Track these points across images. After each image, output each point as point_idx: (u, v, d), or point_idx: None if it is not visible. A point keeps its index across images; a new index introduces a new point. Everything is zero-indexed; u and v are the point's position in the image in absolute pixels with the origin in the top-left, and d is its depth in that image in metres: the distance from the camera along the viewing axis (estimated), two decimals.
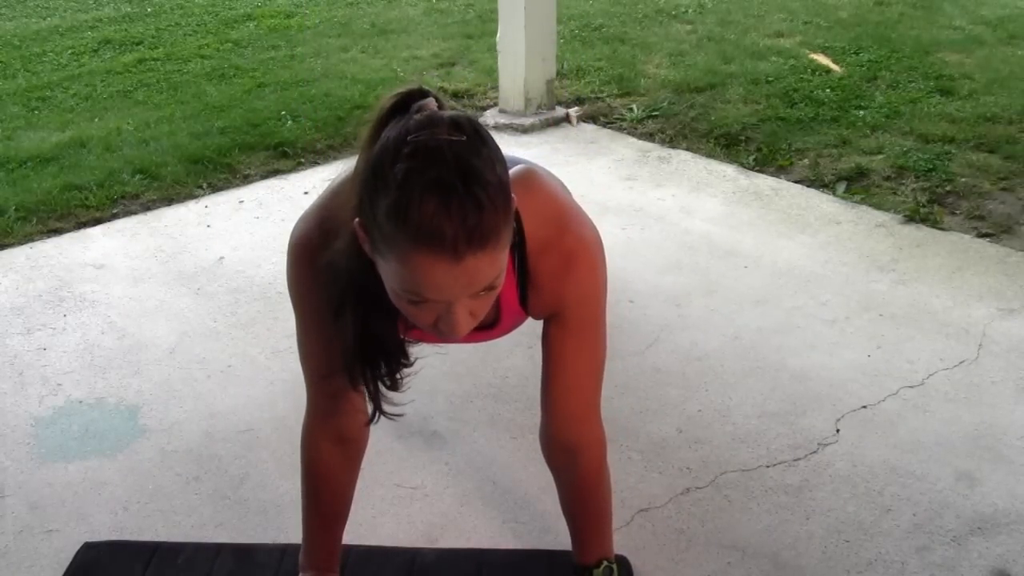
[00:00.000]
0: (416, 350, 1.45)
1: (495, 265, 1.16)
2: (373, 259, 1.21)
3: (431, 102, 1.20)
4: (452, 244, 1.10)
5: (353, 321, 1.31)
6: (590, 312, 1.46)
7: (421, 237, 1.10)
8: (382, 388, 1.38)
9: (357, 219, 1.19)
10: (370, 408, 1.41)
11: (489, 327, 1.46)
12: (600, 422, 1.55)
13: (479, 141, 1.15)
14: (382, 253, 1.16)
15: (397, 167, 1.12)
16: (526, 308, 1.43)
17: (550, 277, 1.39)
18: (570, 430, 1.54)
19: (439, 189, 1.10)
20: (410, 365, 1.39)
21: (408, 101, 1.20)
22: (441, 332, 1.22)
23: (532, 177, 1.43)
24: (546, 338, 1.48)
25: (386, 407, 1.40)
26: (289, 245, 1.41)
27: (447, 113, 1.17)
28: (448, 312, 1.18)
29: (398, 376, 1.39)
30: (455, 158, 1.11)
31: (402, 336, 1.38)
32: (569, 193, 1.51)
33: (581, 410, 1.53)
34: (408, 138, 1.13)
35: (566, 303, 1.42)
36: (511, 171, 1.40)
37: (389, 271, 1.17)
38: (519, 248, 1.36)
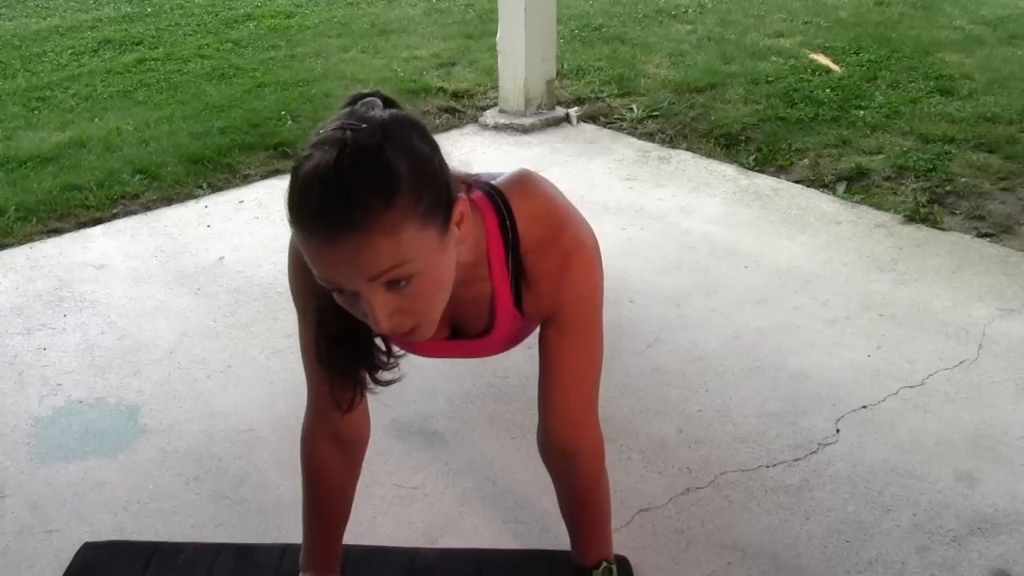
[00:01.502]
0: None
1: (388, 250, 1.14)
2: None
3: (373, 101, 1.21)
4: (322, 224, 1.12)
5: (325, 324, 1.33)
6: (586, 314, 1.45)
7: (298, 219, 1.14)
8: (371, 382, 1.40)
9: None
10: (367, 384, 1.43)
11: (484, 334, 1.46)
12: (598, 424, 1.55)
13: (379, 131, 1.15)
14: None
15: (300, 155, 1.16)
16: (521, 310, 1.42)
17: (545, 277, 1.38)
18: (568, 433, 1.53)
19: (315, 172, 1.12)
20: (393, 364, 1.39)
21: (355, 102, 1.22)
22: (374, 328, 1.21)
23: (527, 180, 1.44)
24: (543, 341, 1.48)
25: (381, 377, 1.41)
26: (290, 243, 1.41)
27: (367, 109, 1.19)
28: (363, 301, 1.18)
29: (382, 374, 1.39)
30: (342, 144, 1.13)
31: (389, 347, 1.39)
32: (565, 197, 1.50)
33: (579, 413, 1.52)
34: (320, 129, 1.17)
35: (562, 304, 1.42)
36: (506, 175, 1.42)
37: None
38: (513, 248, 1.36)
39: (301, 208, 1.14)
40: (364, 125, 1.15)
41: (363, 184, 1.12)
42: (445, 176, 1.22)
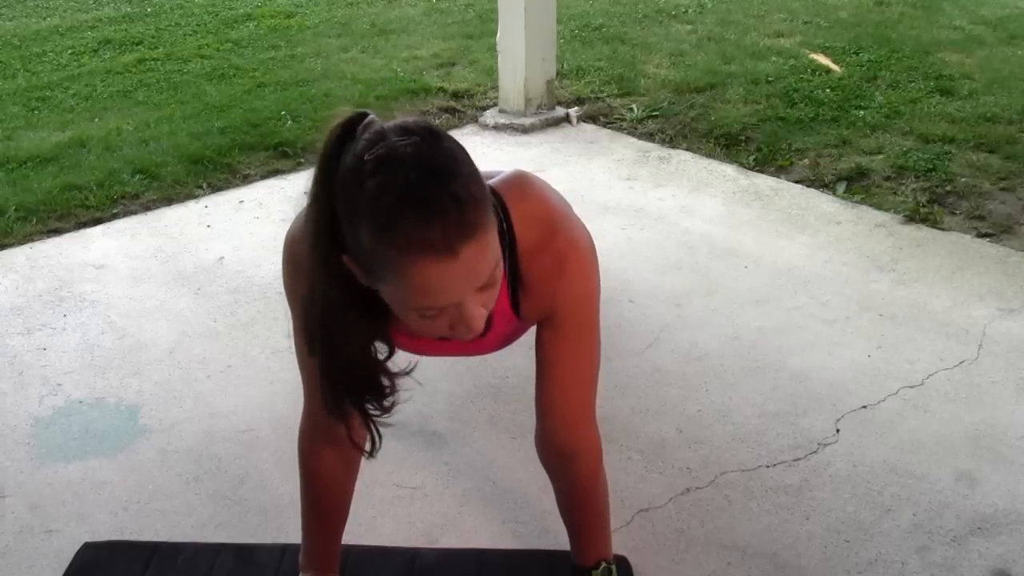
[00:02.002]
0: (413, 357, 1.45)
1: (490, 249, 1.16)
2: (373, 287, 1.20)
3: (374, 120, 1.20)
4: (444, 243, 1.09)
5: (328, 357, 1.30)
6: (583, 315, 1.45)
7: (412, 247, 1.10)
8: (373, 413, 1.38)
9: (344, 256, 1.19)
10: (368, 443, 1.41)
11: (479, 336, 1.46)
12: (595, 425, 1.55)
13: (431, 137, 1.15)
14: (381, 278, 1.16)
15: (364, 188, 1.11)
16: (518, 312, 1.42)
17: (542, 280, 1.38)
18: (565, 434, 1.53)
19: (412, 194, 1.09)
20: (394, 392, 1.37)
21: (352, 127, 1.19)
22: (459, 335, 1.21)
23: (523, 181, 1.43)
24: (539, 342, 1.48)
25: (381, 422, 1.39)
26: (284, 245, 1.41)
27: (393, 122, 1.17)
28: (461, 312, 1.18)
29: (386, 402, 1.37)
30: (415, 158, 1.11)
31: (394, 344, 1.38)
32: (561, 197, 1.50)
33: (576, 414, 1.52)
34: (365, 157, 1.13)
35: (558, 306, 1.42)
36: (501, 176, 1.41)
37: (394, 292, 1.17)
38: (510, 251, 1.35)
39: (412, 237, 1.09)
40: (415, 137, 1.13)
41: (461, 188, 1.11)
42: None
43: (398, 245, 1.10)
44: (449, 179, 1.11)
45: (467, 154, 1.19)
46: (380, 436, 1.40)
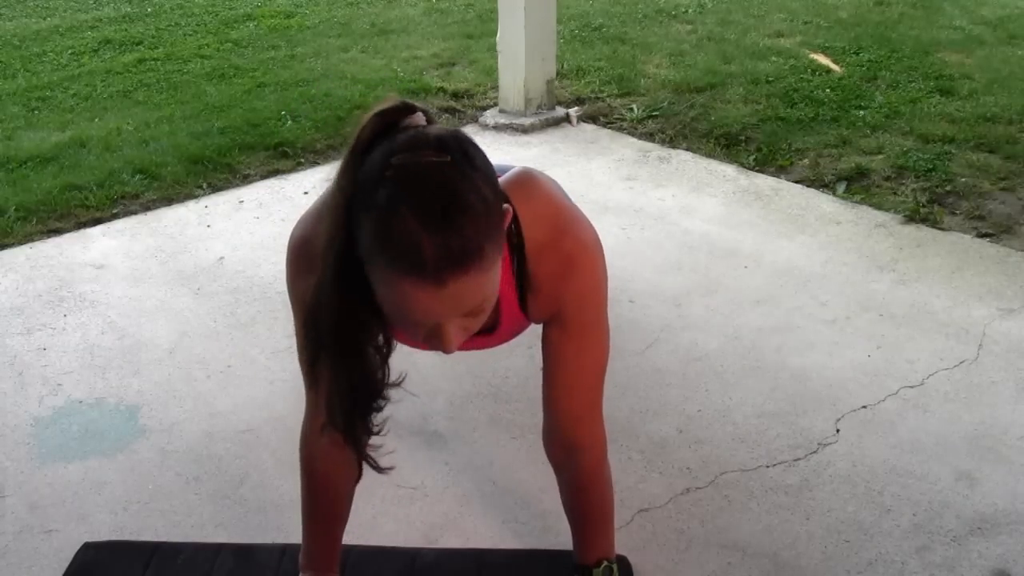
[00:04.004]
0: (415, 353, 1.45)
1: (483, 286, 1.15)
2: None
3: (419, 117, 1.19)
4: (433, 270, 1.09)
5: (331, 368, 1.30)
6: (590, 314, 1.46)
7: (402, 263, 1.10)
8: (365, 435, 1.38)
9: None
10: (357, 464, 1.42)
11: (488, 332, 1.46)
12: (602, 422, 1.55)
13: (465, 162, 1.14)
14: (372, 276, 1.16)
15: (380, 191, 1.11)
16: (526, 311, 1.42)
17: (549, 280, 1.38)
18: (571, 430, 1.54)
19: (419, 214, 1.09)
20: (383, 405, 1.37)
21: (395, 118, 1.18)
22: (433, 347, 1.22)
23: (530, 180, 1.43)
24: (546, 339, 1.48)
25: (375, 457, 1.40)
26: (288, 246, 1.41)
27: (433, 131, 1.16)
28: (438, 332, 1.19)
29: (373, 418, 1.37)
30: (437, 182, 1.11)
31: (394, 342, 1.38)
32: (567, 196, 1.50)
33: (582, 410, 1.53)
34: (392, 160, 1.12)
35: (566, 305, 1.42)
36: (508, 175, 1.40)
37: (380, 294, 1.17)
38: (518, 251, 1.35)
39: (405, 255, 1.09)
40: (448, 157, 1.12)
41: (470, 226, 1.10)
42: (500, 188, 1.22)
43: (390, 257, 1.11)
44: (462, 213, 1.10)
45: (492, 180, 1.18)
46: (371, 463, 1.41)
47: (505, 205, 1.21)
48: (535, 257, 1.37)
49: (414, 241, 1.09)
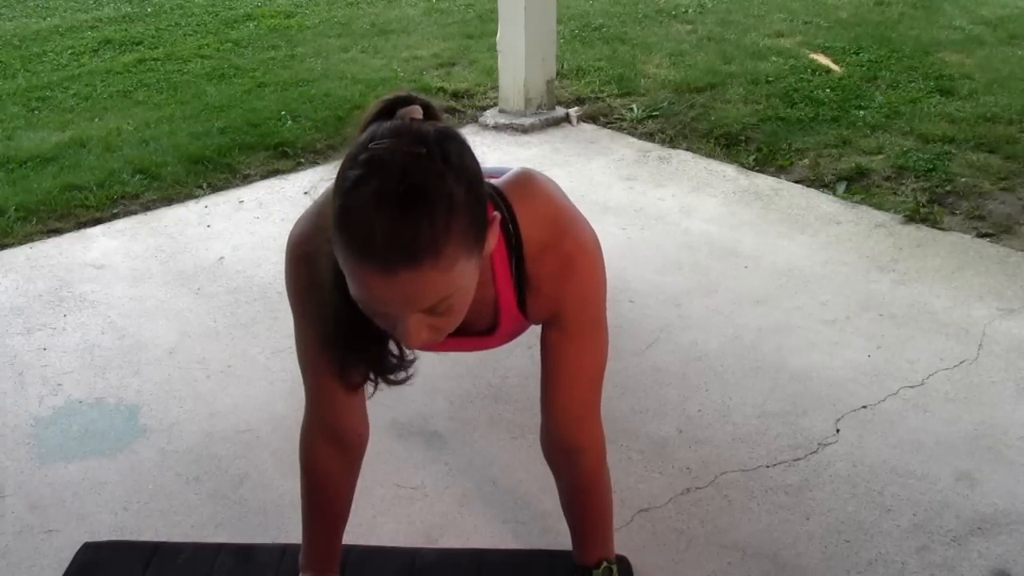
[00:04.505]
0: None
1: (440, 286, 1.13)
2: None
3: (415, 109, 1.19)
4: (382, 257, 1.09)
5: (338, 320, 1.31)
6: (589, 315, 1.45)
7: (354, 246, 1.10)
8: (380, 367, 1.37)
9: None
10: (370, 387, 1.40)
11: (487, 333, 1.46)
12: (600, 423, 1.55)
13: (441, 158, 1.12)
14: (336, 255, 1.16)
15: (350, 173, 1.12)
16: (525, 312, 1.42)
17: (548, 280, 1.38)
18: (570, 431, 1.54)
19: (377, 199, 1.09)
20: (407, 363, 1.37)
21: (394, 107, 1.19)
22: (400, 340, 1.21)
23: (529, 181, 1.43)
24: (545, 340, 1.48)
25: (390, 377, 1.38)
26: (287, 245, 1.41)
27: (418, 124, 1.16)
28: (400, 326, 1.17)
29: (394, 372, 1.37)
30: (403, 171, 1.10)
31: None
32: (566, 196, 1.50)
33: (581, 411, 1.52)
34: (370, 144, 1.12)
35: (565, 306, 1.42)
36: (507, 175, 1.40)
37: (346, 275, 1.17)
38: (516, 252, 1.35)
39: (357, 237, 1.10)
40: (423, 149, 1.11)
41: (426, 219, 1.09)
42: (484, 192, 1.20)
43: (346, 238, 1.11)
44: (419, 206, 1.09)
45: (472, 182, 1.16)
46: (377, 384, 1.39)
47: (494, 212, 1.21)
48: (534, 257, 1.36)
49: (368, 224, 1.09)
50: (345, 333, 1.31)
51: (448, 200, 1.11)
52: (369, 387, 1.41)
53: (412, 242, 1.08)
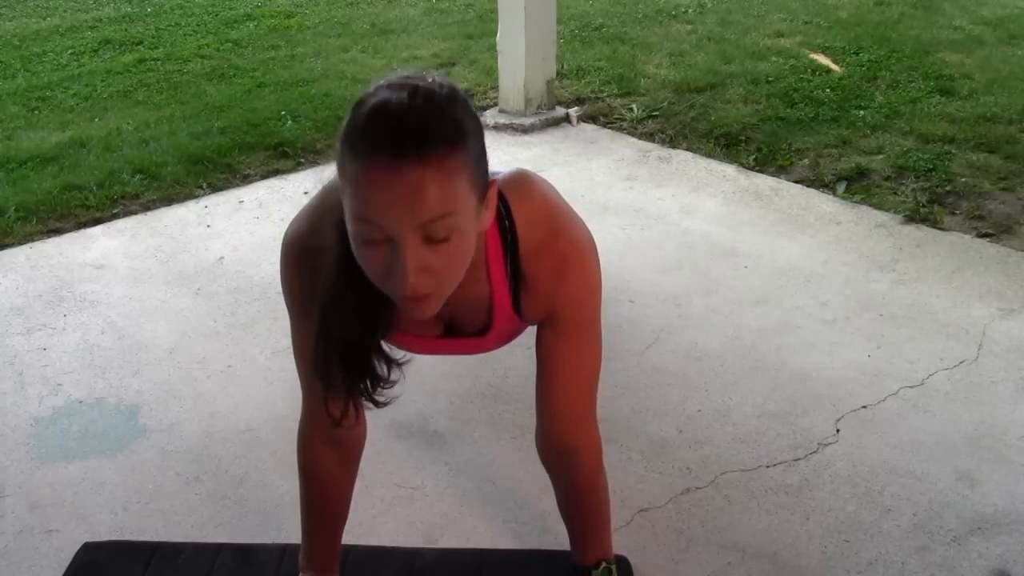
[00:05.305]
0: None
1: (446, 195, 1.13)
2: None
3: (430, 71, 1.23)
4: (393, 151, 1.10)
5: (331, 326, 1.32)
6: (584, 315, 1.45)
7: (365, 146, 1.13)
8: (365, 391, 1.38)
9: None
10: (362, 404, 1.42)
11: (481, 333, 1.46)
12: (596, 423, 1.55)
13: (448, 89, 1.18)
14: (343, 192, 1.18)
15: (358, 107, 1.16)
16: (520, 312, 1.42)
17: (544, 279, 1.38)
18: (566, 433, 1.53)
19: (389, 103, 1.13)
20: (390, 383, 1.38)
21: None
22: (395, 286, 1.18)
23: (525, 181, 1.43)
24: (540, 342, 1.48)
25: (378, 397, 1.40)
26: (282, 244, 1.41)
27: (427, 73, 1.21)
28: (395, 253, 1.15)
29: (378, 389, 1.38)
30: (415, 87, 1.15)
31: (389, 343, 1.38)
32: (561, 197, 1.50)
33: (577, 412, 1.52)
34: (382, 82, 1.18)
35: (560, 306, 1.42)
36: (504, 175, 1.40)
37: (348, 206, 1.18)
38: (512, 250, 1.35)
39: (370, 131, 1.13)
40: (432, 79, 1.17)
41: (435, 122, 1.13)
42: (486, 154, 1.24)
43: (356, 143, 1.14)
44: (428, 105, 1.14)
45: (478, 130, 1.20)
46: (357, 411, 1.42)
47: (493, 176, 1.24)
48: (529, 257, 1.36)
49: (378, 125, 1.12)
50: (336, 340, 1.32)
51: (454, 117, 1.16)
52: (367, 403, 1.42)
53: (422, 132, 1.12)
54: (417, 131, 1.11)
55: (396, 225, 1.14)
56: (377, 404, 1.40)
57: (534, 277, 1.38)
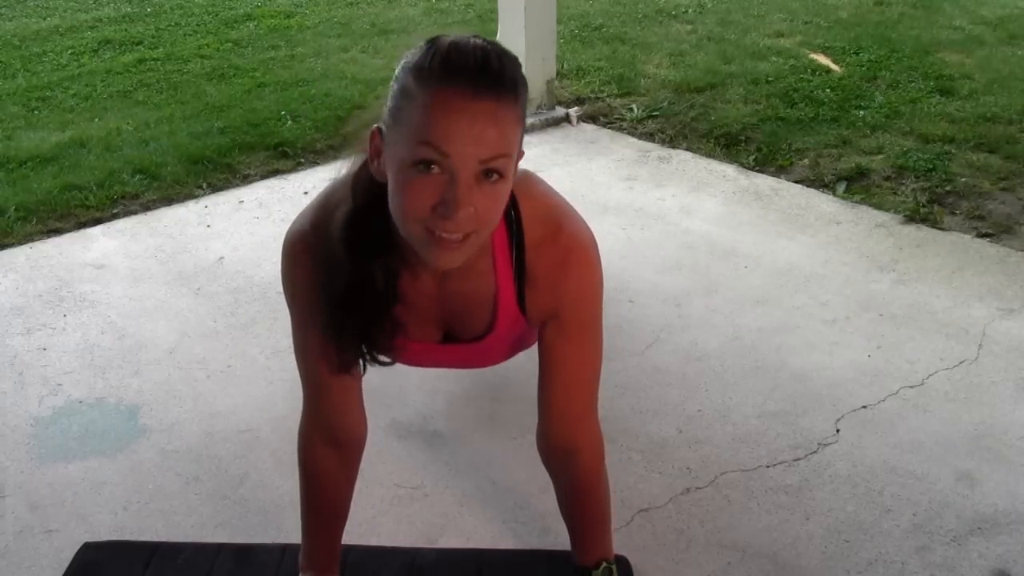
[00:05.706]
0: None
1: (506, 133, 1.18)
2: (380, 169, 1.24)
3: None
4: (473, 82, 1.15)
5: (343, 301, 1.34)
6: (587, 312, 1.46)
7: (443, 70, 1.16)
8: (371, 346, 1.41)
9: (373, 129, 1.25)
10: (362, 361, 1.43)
11: (480, 337, 1.46)
12: (597, 422, 1.55)
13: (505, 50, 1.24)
14: (401, 119, 1.19)
15: (434, 39, 1.21)
16: (524, 310, 1.42)
17: (547, 274, 1.39)
18: (568, 432, 1.54)
19: (467, 41, 1.19)
20: (393, 331, 1.39)
21: None
22: (439, 219, 1.18)
23: (531, 178, 1.46)
24: (542, 340, 1.48)
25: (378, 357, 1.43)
26: (284, 242, 1.41)
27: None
28: (452, 184, 1.16)
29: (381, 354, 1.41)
30: (483, 38, 1.22)
31: (397, 353, 1.40)
32: (562, 197, 1.52)
33: (579, 411, 1.52)
34: (434, 38, 1.22)
35: (563, 303, 1.42)
36: None
37: (402, 136, 1.19)
38: (518, 243, 1.36)
39: (451, 62, 1.17)
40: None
41: (510, 70, 1.20)
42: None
43: (434, 70, 1.17)
44: (508, 59, 1.20)
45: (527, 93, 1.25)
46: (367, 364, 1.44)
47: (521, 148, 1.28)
48: (534, 252, 1.38)
49: (463, 57, 1.17)
50: (346, 297, 1.34)
51: (523, 79, 1.22)
52: (363, 383, 1.43)
53: (500, 73, 1.18)
54: (496, 71, 1.17)
55: (461, 152, 1.16)
56: (379, 361, 1.42)
57: (538, 272, 1.39)
